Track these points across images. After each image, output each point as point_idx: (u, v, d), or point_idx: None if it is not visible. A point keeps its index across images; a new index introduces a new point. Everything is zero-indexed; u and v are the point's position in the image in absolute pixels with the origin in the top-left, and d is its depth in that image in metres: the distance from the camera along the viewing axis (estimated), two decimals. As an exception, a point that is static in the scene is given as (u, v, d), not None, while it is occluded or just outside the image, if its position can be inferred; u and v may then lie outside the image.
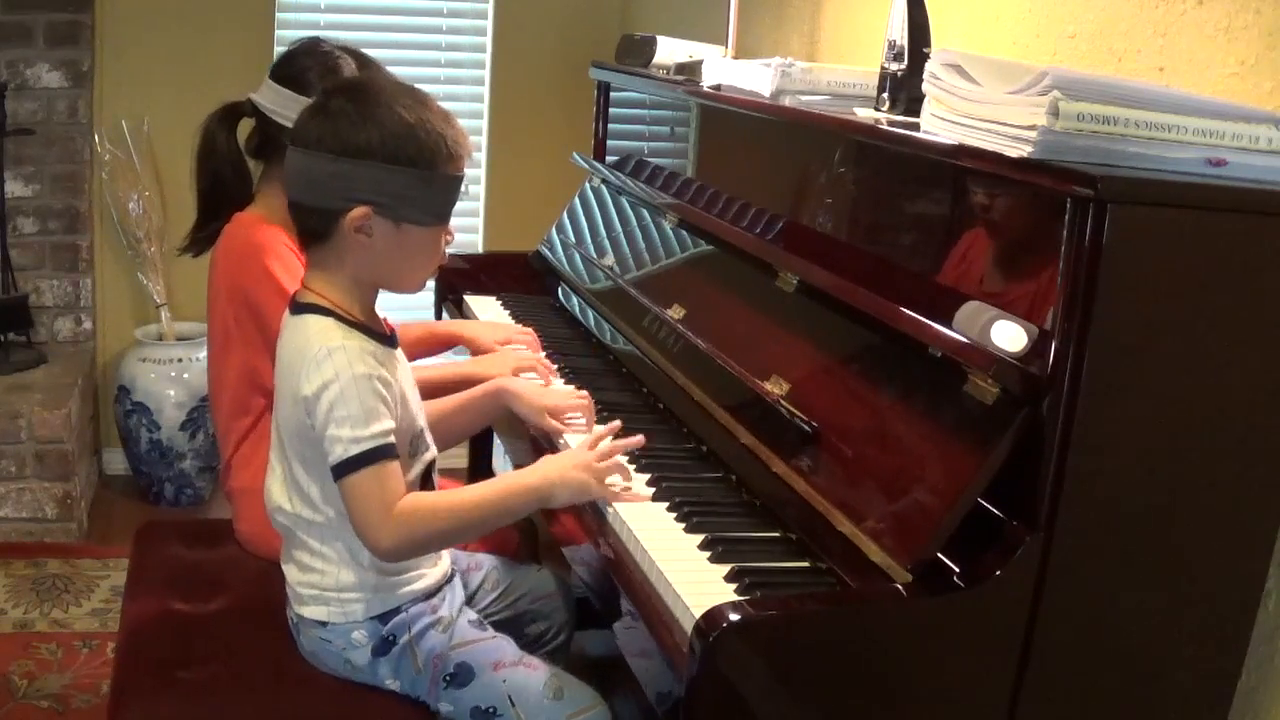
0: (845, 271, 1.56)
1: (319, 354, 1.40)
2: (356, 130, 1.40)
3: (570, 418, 1.77)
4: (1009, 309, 1.31)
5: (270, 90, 1.86)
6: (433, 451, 1.57)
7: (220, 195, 1.89)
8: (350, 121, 1.40)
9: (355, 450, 1.39)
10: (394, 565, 1.50)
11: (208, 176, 1.90)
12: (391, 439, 1.42)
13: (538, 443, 1.77)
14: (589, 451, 1.54)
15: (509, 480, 1.54)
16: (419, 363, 2.00)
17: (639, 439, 1.59)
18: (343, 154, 1.40)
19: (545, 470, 1.52)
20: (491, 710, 1.52)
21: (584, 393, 1.82)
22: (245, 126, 1.95)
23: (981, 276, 1.40)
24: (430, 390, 1.81)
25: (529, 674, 1.54)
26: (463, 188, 1.48)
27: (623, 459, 1.57)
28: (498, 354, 2.04)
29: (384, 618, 1.51)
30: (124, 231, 3.36)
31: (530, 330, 2.18)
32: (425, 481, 1.55)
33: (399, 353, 1.52)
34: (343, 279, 1.47)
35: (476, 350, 2.12)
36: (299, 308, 1.47)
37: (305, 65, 1.86)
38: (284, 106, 1.83)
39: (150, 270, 3.35)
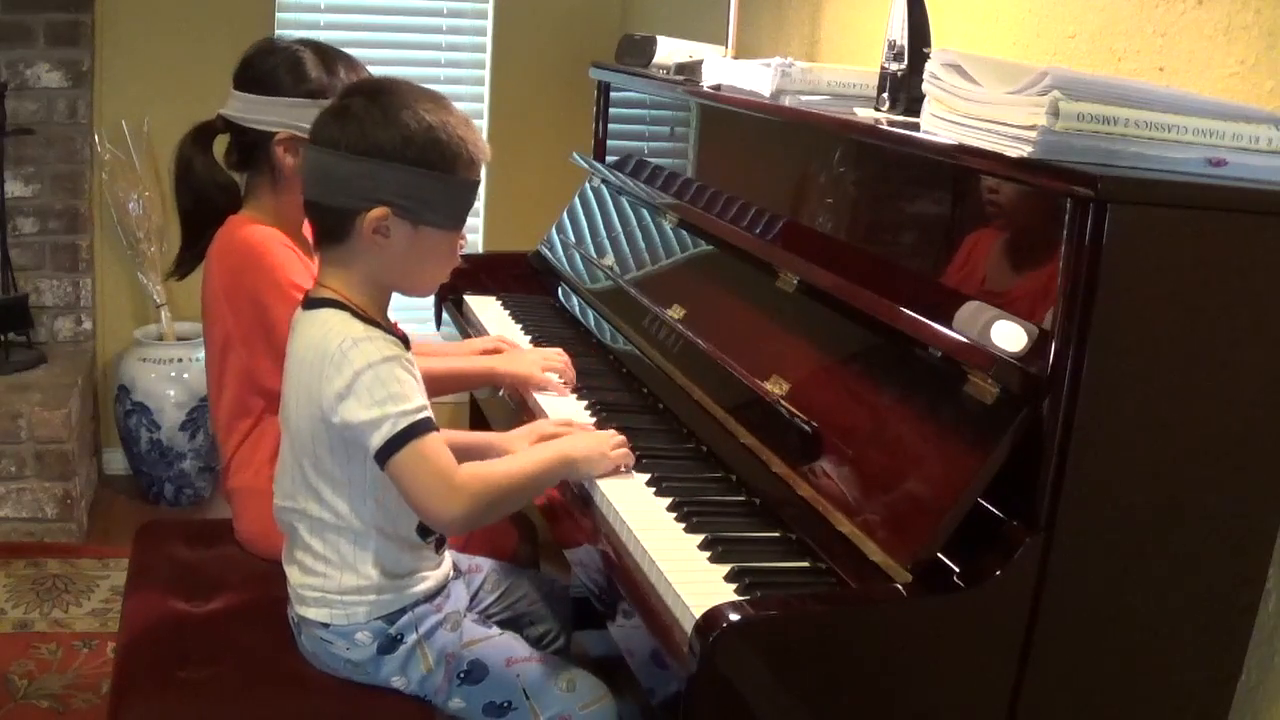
0: (845, 271, 1.56)
1: (343, 346, 1.40)
2: (378, 131, 1.40)
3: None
4: (1009, 309, 1.31)
5: (238, 101, 1.84)
6: None
7: (206, 215, 1.86)
8: (372, 122, 1.40)
9: (400, 426, 1.39)
10: (398, 569, 1.51)
11: (188, 199, 1.88)
12: (429, 414, 1.42)
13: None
14: (604, 433, 1.64)
15: (546, 450, 1.57)
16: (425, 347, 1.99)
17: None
18: (363, 154, 1.40)
19: (572, 441, 1.60)
20: (506, 704, 1.53)
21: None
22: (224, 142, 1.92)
23: (981, 276, 1.40)
24: (451, 384, 1.80)
25: (542, 667, 1.56)
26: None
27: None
28: (525, 351, 2.02)
29: (389, 619, 1.51)
30: (124, 231, 3.36)
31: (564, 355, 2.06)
32: None
33: (411, 355, 1.52)
34: (358, 279, 1.47)
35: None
36: (313, 303, 1.47)
37: (270, 65, 1.83)
38: (256, 112, 1.81)
39: (150, 270, 3.35)
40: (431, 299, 2.62)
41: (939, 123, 1.41)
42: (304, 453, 1.48)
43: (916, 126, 1.48)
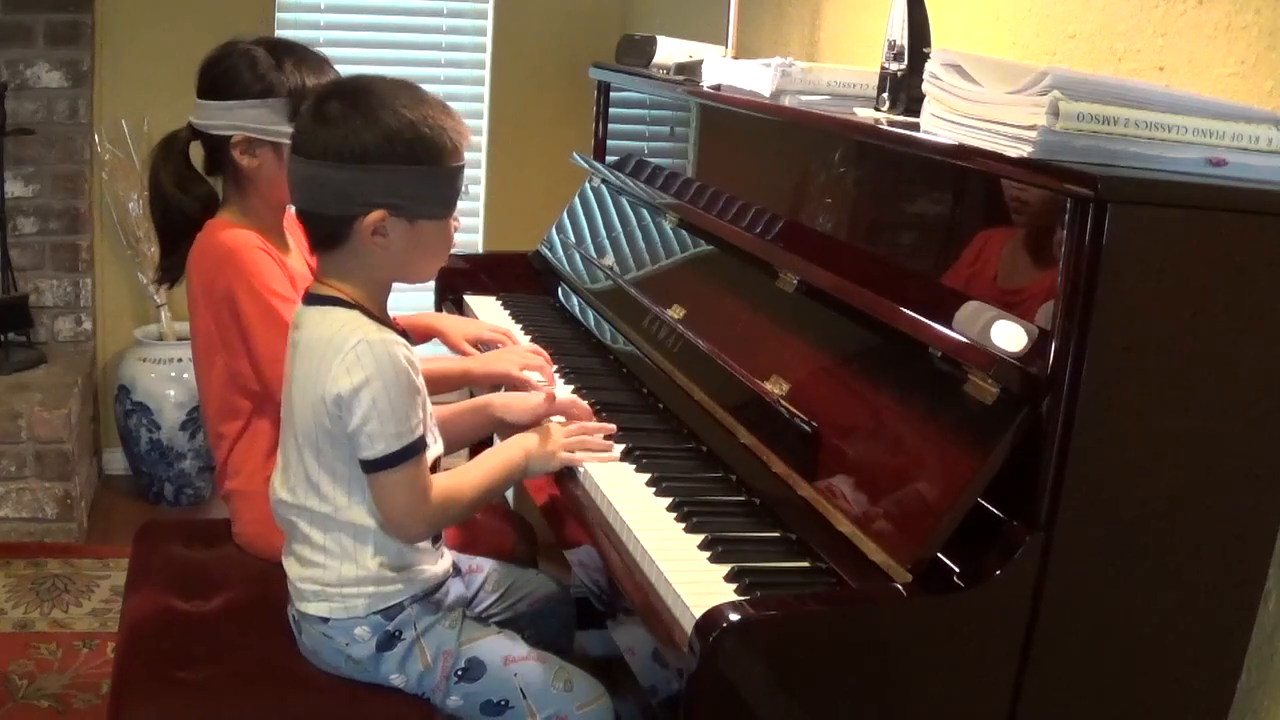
0: (845, 271, 1.56)
1: (357, 347, 1.41)
2: (360, 134, 1.40)
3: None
4: (1009, 309, 1.31)
5: (203, 109, 1.83)
6: (439, 448, 1.58)
7: (179, 223, 1.86)
8: (352, 126, 1.40)
9: (397, 446, 1.42)
10: (398, 562, 1.51)
11: (159, 208, 1.88)
12: (422, 431, 1.46)
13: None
14: (559, 428, 1.68)
15: (500, 458, 1.61)
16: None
17: (609, 427, 1.72)
18: (350, 160, 1.40)
19: (523, 444, 1.63)
20: (503, 703, 1.54)
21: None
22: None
23: (981, 276, 1.40)
24: (430, 384, 1.81)
25: (539, 666, 1.56)
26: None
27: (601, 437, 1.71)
28: (503, 351, 2.03)
29: (388, 614, 1.51)
30: (124, 231, 3.35)
31: (505, 332, 2.18)
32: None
33: (416, 358, 1.53)
34: (361, 279, 1.48)
35: (448, 344, 2.14)
36: (317, 299, 1.48)
37: (229, 68, 1.82)
38: (212, 117, 1.81)
39: (150, 270, 3.34)
40: (432, 296, 2.62)
41: (939, 123, 1.41)
42: (307, 444, 1.48)
43: (916, 126, 1.48)
